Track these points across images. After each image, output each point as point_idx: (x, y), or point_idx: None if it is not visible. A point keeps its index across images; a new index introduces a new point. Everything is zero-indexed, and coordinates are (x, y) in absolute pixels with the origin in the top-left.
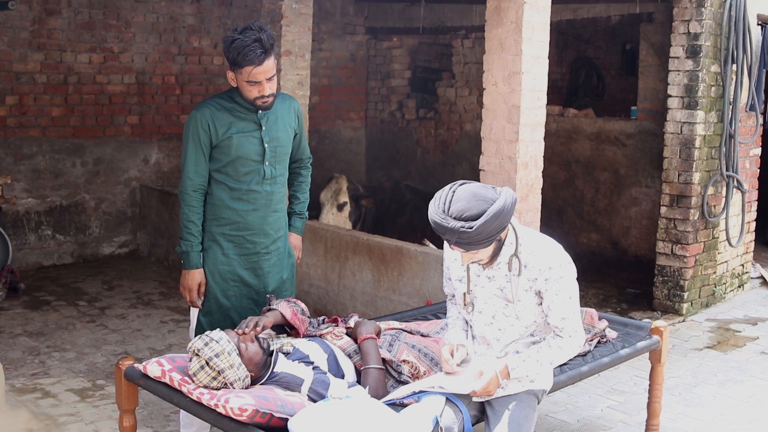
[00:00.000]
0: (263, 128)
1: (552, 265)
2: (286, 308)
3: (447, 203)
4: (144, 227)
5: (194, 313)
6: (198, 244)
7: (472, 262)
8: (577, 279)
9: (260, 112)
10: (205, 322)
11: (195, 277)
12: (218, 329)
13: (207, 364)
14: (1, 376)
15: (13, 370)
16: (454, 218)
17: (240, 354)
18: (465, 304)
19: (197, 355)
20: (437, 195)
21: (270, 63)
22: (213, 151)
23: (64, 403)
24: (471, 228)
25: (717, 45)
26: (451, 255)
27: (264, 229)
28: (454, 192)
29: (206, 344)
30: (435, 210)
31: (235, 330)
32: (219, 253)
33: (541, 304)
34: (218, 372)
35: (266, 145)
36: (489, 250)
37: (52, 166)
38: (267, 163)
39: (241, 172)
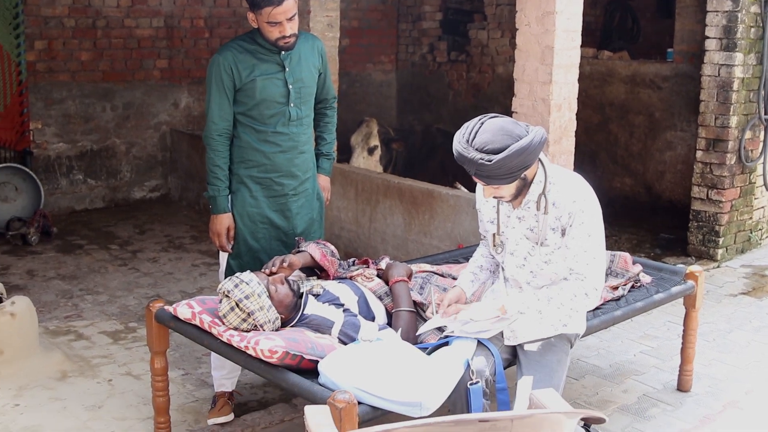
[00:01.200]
0: (287, 69)
1: (576, 198)
2: (315, 250)
3: (472, 134)
4: (174, 171)
5: (223, 256)
6: (225, 188)
7: (494, 197)
8: (610, 224)
9: (283, 53)
10: (235, 265)
11: (223, 221)
12: (248, 271)
13: (237, 305)
14: (35, 319)
15: (46, 312)
16: (476, 149)
17: (270, 296)
18: (495, 245)
19: (227, 296)
20: (465, 125)
21: (290, 3)
22: (237, 94)
23: (97, 345)
24: (490, 161)
25: None
26: (483, 198)
27: (291, 171)
28: (482, 123)
29: (236, 286)
30: (459, 139)
31: (262, 270)
32: (247, 196)
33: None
34: (248, 314)
35: (290, 87)
36: (512, 188)
37: (82, 110)
38: (292, 105)
39: (266, 114)
